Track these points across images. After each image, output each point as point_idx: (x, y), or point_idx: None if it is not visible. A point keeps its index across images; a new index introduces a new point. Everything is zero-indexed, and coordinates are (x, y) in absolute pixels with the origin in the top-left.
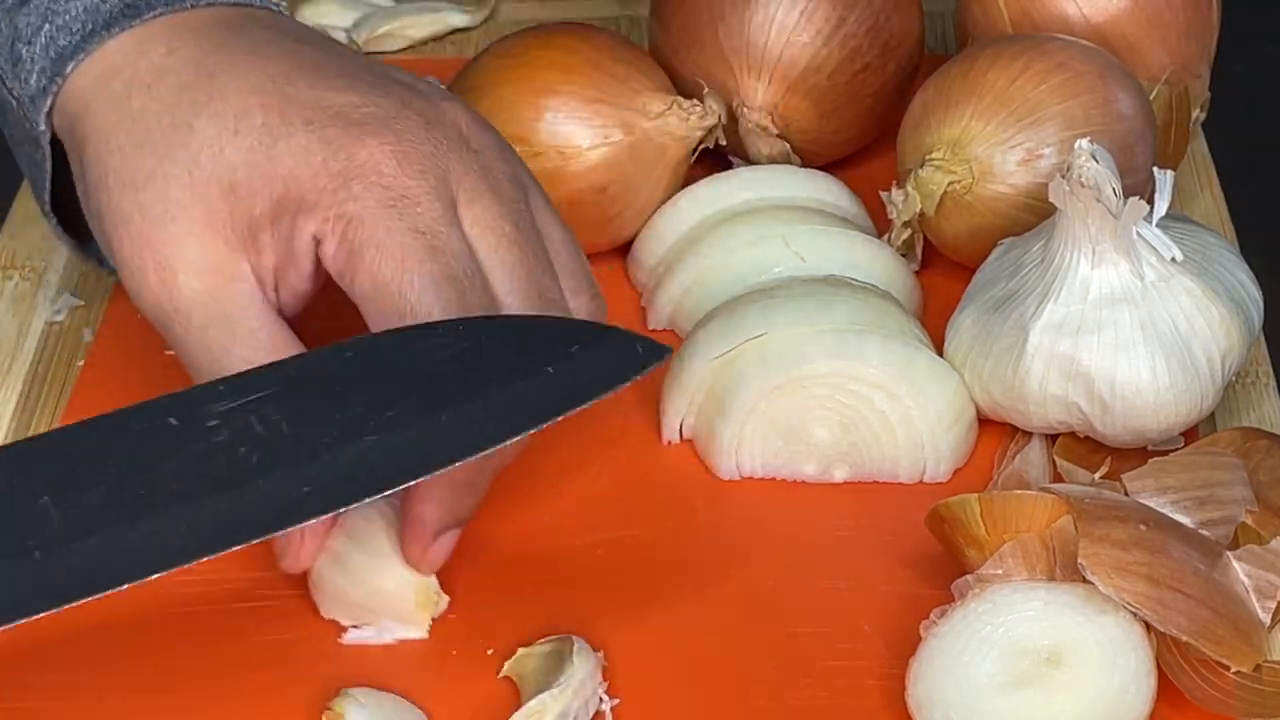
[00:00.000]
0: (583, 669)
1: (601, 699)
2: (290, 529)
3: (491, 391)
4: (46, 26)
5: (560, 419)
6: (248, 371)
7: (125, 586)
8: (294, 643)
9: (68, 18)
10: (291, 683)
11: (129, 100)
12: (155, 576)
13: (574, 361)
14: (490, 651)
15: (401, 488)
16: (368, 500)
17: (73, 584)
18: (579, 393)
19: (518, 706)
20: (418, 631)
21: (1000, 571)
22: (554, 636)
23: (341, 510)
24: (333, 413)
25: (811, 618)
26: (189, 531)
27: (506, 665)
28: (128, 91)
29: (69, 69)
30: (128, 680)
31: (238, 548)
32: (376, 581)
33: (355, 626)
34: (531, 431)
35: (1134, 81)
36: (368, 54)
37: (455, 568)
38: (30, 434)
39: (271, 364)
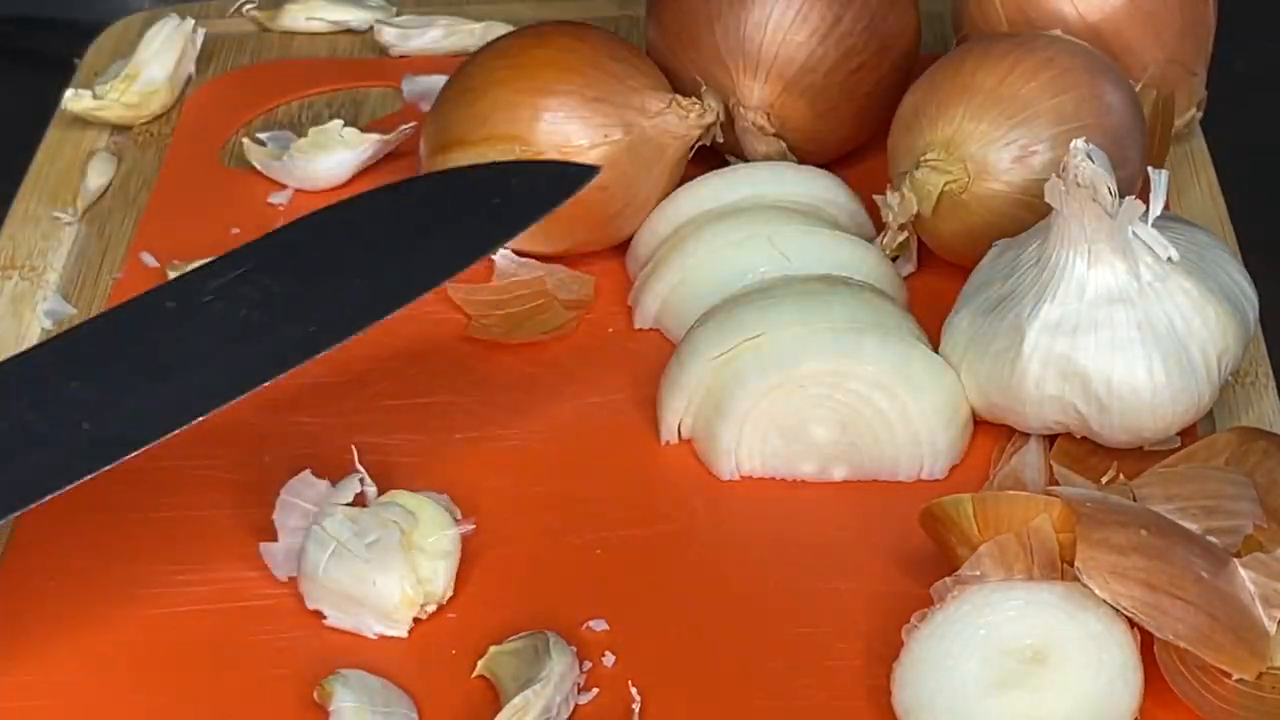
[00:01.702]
0: (561, 663)
1: (578, 689)
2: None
3: (451, 226)
4: None
5: (516, 235)
6: (227, 253)
7: (167, 437)
8: (286, 644)
9: None
10: (281, 681)
11: None
12: (193, 423)
13: (514, 190)
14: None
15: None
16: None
17: (121, 441)
18: (527, 213)
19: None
20: (399, 630)
21: (978, 573)
22: (526, 633)
23: (344, 342)
24: (316, 271)
25: (810, 617)
26: (216, 380)
27: (480, 664)
28: None
29: None
30: (126, 680)
31: (260, 387)
32: (370, 575)
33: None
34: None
35: (1121, 76)
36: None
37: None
38: None
39: (248, 243)
